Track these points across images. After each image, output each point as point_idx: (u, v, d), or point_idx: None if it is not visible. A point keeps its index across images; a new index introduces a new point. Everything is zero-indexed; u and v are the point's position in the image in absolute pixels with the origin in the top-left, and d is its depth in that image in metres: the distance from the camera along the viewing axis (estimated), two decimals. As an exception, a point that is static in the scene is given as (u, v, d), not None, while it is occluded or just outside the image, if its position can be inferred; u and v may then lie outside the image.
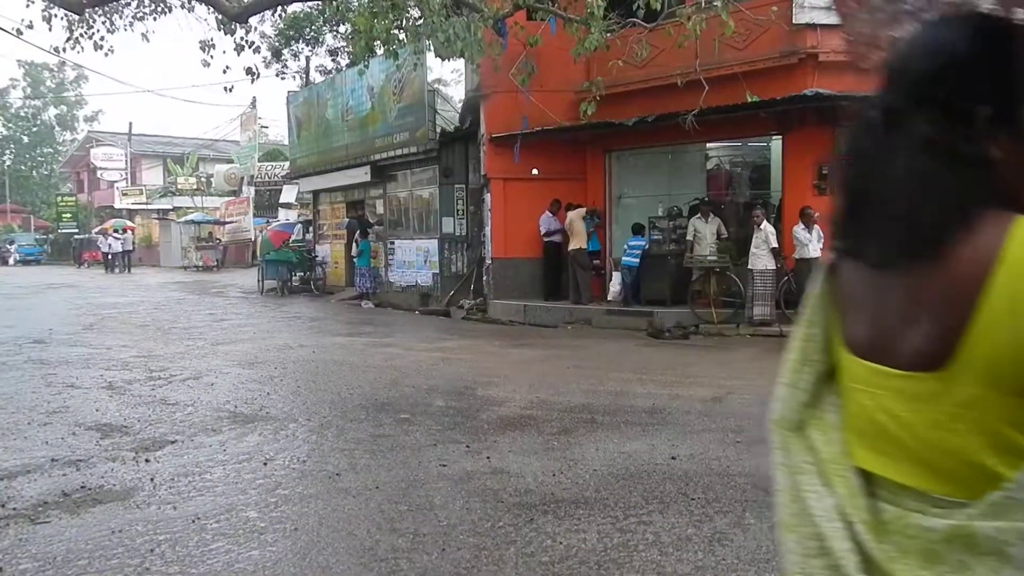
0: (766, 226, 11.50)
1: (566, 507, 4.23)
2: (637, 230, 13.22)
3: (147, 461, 5.14)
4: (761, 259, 11.39)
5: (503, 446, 5.50)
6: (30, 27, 10.51)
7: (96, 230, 41.78)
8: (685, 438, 5.67)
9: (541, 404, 6.93)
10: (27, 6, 10.60)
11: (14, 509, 4.23)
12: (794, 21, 11.42)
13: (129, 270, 33.96)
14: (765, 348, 10.43)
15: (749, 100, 10.59)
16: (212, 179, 43.36)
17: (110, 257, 34.19)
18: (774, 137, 12.90)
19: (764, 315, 11.43)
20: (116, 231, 35.99)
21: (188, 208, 41.75)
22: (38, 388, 7.70)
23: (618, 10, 10.72)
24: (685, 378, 8.24)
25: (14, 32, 10.61)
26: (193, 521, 4.04)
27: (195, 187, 43.83)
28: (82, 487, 4.60)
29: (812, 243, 11.16)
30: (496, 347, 10.95)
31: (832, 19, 11.35)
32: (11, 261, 43.80)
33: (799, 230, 11.23)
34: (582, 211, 13.78)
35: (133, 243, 37.47)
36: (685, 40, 10.09)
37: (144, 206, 45.94)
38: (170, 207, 43.76)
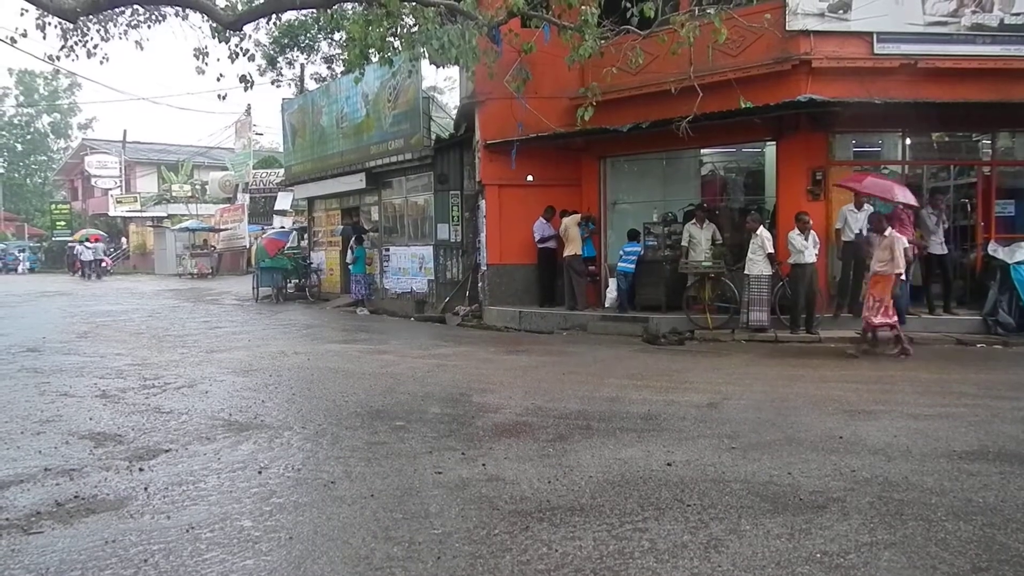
0: (762, 231, 11.51)
1: (562, 514, 4.22)
2: (633, 236, 13.24)
3: (141, 470, 5.12)
4: (757, 264, 11.41)
5: (499, 453, 5.49)
6: (24, 35, 10.48)
7: (72, 239, 43.22)
8: (680, 444, 5.67)
9: (536, 411, 6.92)
10: (21, 14, 10.59)
11: (7, 519, 4.21)
12: (787, 28, 11.48)
13: (100, 277, 35.23)
14: (760, 354, 10.45)
15: (743, 106, 10.60)
16: (207, 186, 43.34)
17: (83, 265, 35.93)
18: (768, 143, 12.93)
19: (760, 321, 11.44)
20: (85, 241, 37.53)
21: (183, 215, 41.74)
22: (31, 397, 7.66)
23: (612, 17, 10.75)
24: (680, 384, 8.24)
25: (8, 41, 10.59)
26: (187, 530, 4.02)
27: (190, 194, 43.83)
28: (75, 497, 4.57)
29: (808, 249, 11.17)
30: (491, 354, 10.94)
31: (825, 26, 11.44)
32: (20, 269, 43.67)
33: (795, 236, 11.24)
34: (577, 217, 13.80)
35: (104, 252, 38.95)
36: (679, 47, 10.09)
37: (139, 213, 45.91)
38: (165, 214, 43.71)
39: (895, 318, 9.92)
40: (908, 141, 12.70)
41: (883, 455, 5.31)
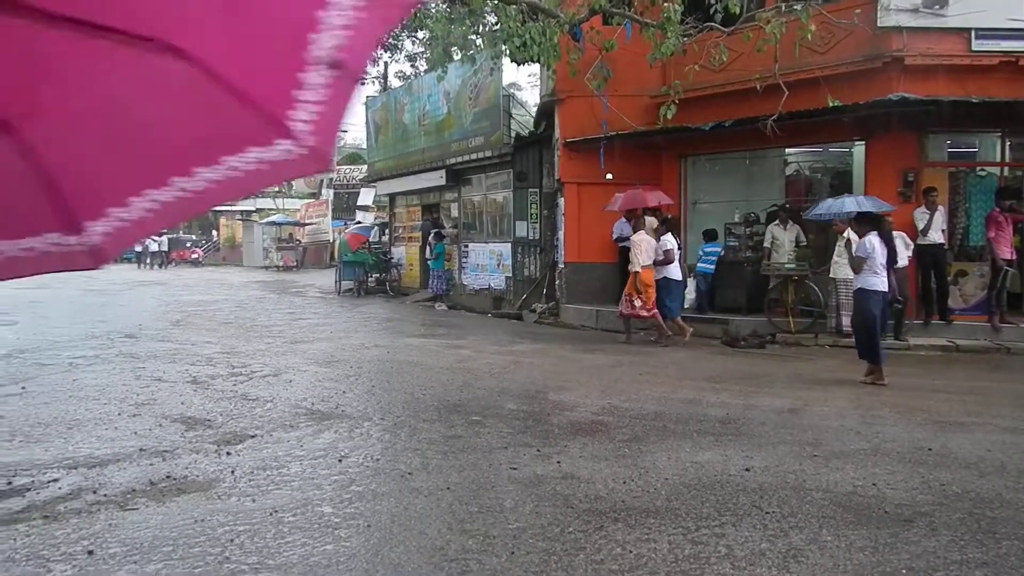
0: (850, 233, 11.12)
1: (637, 515, 4.20)
2: (710, 236, 12.99)
3: (228, 454, 5.32)
4: (843, 267, 11.02)
5: (574, 451, 5.49)
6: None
7: None
8: (759, 450, 5.56)
9: (612, 410, 6.89)
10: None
11: (105, 495, 4.45)
12: (879, 24, 11.06)
13: (164, 267, 38.44)
14: (845, 359, 10.11)
15: (831, 105, 10.29)
16: (293, 182, 44.54)
17: (143, 254, 38.78)
18: (857, 142, 12.51)
19: (848, 326, 11.06)
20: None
21: (270, 210, 43.04)
22: (128, 381, 8.05)
23: (695, 14, 10.59)
24: (760, 388, 8.06)
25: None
26: (271, 514, 4.16)
27: (276, 189, 45.14)
28: (167, 477, 4.80)
29: (900, 252, 10.74)
30: (568, 352, 10.93)
31: (919, 22, 10.99)
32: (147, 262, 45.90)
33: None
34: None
35: (168, 244, 41.74)
36: (764, 44, 9.87)
37: (228, 207, 47.49)
38: (253, 208, 45.12)
39: (654, 310, 11.14)
40: (1008, 142, 12.09)
41: (975, 470, 5.09)
